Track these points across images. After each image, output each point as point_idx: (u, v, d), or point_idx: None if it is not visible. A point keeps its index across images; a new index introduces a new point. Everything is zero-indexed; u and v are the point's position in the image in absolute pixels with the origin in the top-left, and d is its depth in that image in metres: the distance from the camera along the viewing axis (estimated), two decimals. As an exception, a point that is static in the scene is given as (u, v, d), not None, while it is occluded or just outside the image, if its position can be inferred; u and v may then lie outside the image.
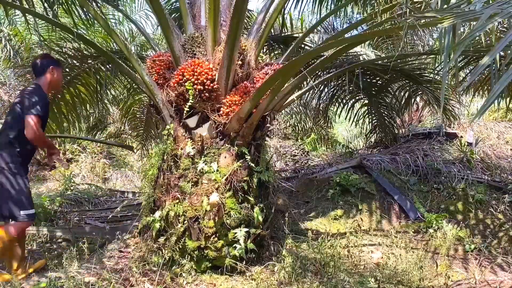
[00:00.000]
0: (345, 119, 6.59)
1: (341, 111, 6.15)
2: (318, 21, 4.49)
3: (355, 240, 3.72)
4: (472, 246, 3.63)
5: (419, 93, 5.60)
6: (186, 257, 3.00)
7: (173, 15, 5.79)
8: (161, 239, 3.08)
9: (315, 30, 6.69)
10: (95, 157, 9.60)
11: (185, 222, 3.00)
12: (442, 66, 3.80)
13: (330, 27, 7.98)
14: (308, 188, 5.34)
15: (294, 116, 9.53)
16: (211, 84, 3.01)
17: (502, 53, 2.47)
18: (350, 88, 5.17)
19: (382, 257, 3.42)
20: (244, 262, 3.01)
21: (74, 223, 4.52)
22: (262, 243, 3.31)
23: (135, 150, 7.15)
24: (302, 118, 9.25)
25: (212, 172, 3.01)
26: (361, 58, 5.45)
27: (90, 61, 4.87)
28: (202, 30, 3.41)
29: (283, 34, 5.67)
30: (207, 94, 3.03)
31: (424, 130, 6.80)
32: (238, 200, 3.06)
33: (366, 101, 6.05)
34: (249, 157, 3.11)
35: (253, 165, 3.15)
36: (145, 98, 6.30)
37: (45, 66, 3.00)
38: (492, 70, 2.10)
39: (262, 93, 2.91)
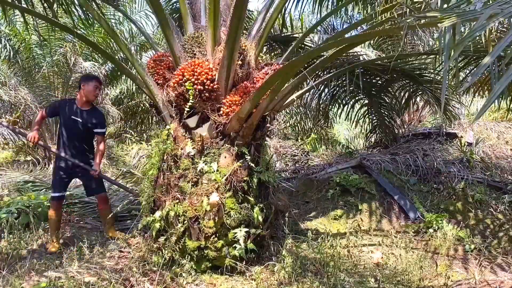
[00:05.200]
0: (345, 119, 6.60)
1: (341, 111, 6.15)
2: (318, 21, 4.49)
3: (355, 240, 3.72)
4: (472, 246, 3.63)
5: (419, 93, 5.60)
6: (186, 257, 3.00)
7: (173, 15, 5.79)
8: (161, 239, 3.09)
9: (315, 30, 6.69)
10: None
11: (185, 222, 3.00)
12: (442, 66, 3.80)
13: (330, 27, 7.98)
14: (308, 188, 5.34)
15: (294, 116, 9.52)
16: (211, 84, 3.01)
17: (502, 53, 2.47)
18: (351, 88, 5.17)
19: (382, 257, 3.42)
20: (244, 262, 3.01)
21: (74, 223, 4.52)
22: (262, 243, 3.31)
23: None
24: (302, 118, 9.24)
25: (212, 172, 3.01)
26: (361, 58, 5.45)
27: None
28: (202, 30, 3.41)
29: (283, 34, 5.67)
30: (207, 94, 3.03)
31: (424, 130, 6.80)
32: (238, 200, 3.06)
33: (366, 101, 6.05)
34: (249, 157, 3.11)
35: (253, 165, 3.15)
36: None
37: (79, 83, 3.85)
38: (492, 70, 2.10)
39: (262, 93, 2.91)
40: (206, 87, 3.00)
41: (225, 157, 3.09)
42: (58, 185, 3.73)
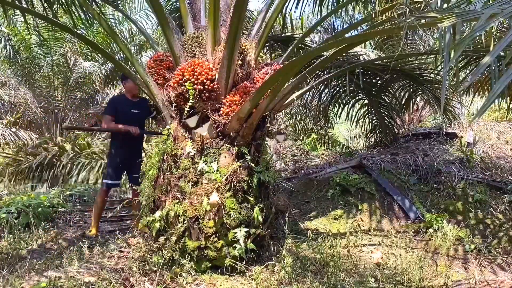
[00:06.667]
0: (345, 119, 6.60)
1: (341, 111, 6.15)
2: (319, 21, 4.49)
3: (355, 240, 3.72)
4: (472, 246, 3.63)
5: (419, 93, 5.60)
6: (186, 257, 3.00)
7: (173, 15, 5.79)
8: (161, 239, 3.08)
9: (316, 30, 6.70)
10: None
11: (185, 222, 3.00)
12: (442, 66, 3.80)
13: (330, 27, 7.99)
14: (308, 188, 5.34)
15: (294, 116, 9.52)
16: (211, 84, 3.01)
17: (502, 53, 2.47)
18: (351, 88, 5.17)
19: (382, 257, 3.42)
20: (244, 262, 3.01)
21: (74, 223, 4.52)
22: (262, 243, 3.31)
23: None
24: (302, 118, 9.25)
25: (212, 172, 3.01)
26: (361, 58, 5.45)
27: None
28: (202, 30, 3.41)
29: (283, 35, 5.67)
30: (207, 94, 3.03)
31: (424, 130, 6.79)
32: (238, 200, 3.06)
33: (366, 101, 6.05)
34: (249, 157, 3.11)
35: (253, 165, 3.15)
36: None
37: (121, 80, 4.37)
38: (492, 70, 2.10)
39: (262, 93, 2.91)
40: (206, 87, 3.00)
41: (225, 157, 3.09)
42: (114, 173, 4.11)
